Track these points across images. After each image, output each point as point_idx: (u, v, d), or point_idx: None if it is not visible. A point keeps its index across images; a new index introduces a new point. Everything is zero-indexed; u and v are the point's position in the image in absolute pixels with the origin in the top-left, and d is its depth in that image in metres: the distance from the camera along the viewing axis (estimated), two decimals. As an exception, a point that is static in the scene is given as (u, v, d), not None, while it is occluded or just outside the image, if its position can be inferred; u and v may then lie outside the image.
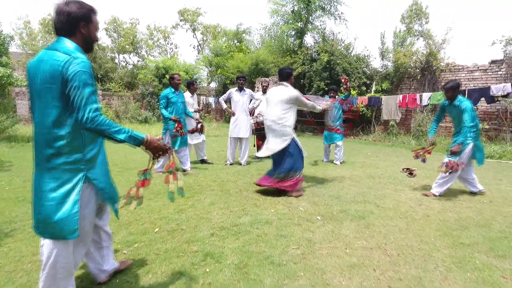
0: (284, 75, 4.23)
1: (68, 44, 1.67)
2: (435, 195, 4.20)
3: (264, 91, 7.01)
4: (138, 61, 25.35)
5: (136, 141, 1.71)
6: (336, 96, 6.41)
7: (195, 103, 6.58)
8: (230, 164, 6.32)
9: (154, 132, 13.70)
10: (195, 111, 6.23)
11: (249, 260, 2.37)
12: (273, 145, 4.16)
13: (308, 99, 4.50)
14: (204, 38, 29.29)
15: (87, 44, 1.78)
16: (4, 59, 9.16)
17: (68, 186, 1.65)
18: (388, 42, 11.95)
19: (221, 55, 21.25)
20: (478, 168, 6.30)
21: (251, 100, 6.64)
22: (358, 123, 12.17)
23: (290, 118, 4.13)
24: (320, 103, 4.67)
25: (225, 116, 19.43)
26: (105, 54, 23.17)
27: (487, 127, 8.71)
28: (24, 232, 2.86)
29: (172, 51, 29.49)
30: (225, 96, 6.50)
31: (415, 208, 3.70)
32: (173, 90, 5.36)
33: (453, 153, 4.04)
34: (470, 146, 4.13)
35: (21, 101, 16.97)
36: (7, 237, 2.76)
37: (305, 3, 12.66)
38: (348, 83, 6.10)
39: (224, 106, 6.59)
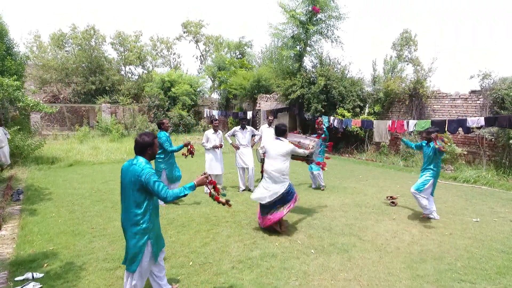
0: (280, 132, 5.03)
1: (140, 159, 2.86)
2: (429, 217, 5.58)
3: (270, 124, 8.04)
4: (143, 72, 26.29)
5: (192, 189, 2.82)
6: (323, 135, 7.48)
7: (218, 139, 7.10)
8: (243, 190, 7.33)
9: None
10: (213, 147, 7.05)
11: (262, 290, 3.36)
12: (275, 188, 4.82)
13: (297, 145, 5.32)
14: (207, 49, 30.28)
15: (152, 156, 2.98)
16: (32, 88, 10.14)
17: (142, 242, 2.80)
18: (379, 69, 12.97)
19: (223, 69, 22.25)
20: (451, 195, 7.32)
21: (252, 135, 7.63)
22: (353, 141, 13.18)
23: (288, 166, 4.93)
24: (307, 146, 5.42)
25: (227, 128, 20.40)
26: (111, 67, 24.09)
27: (465, 152, 9.72)
28: (93, 266, 3.83)
29: (175, 61, 30.50)
30: (230, 133, 7.55)
31: (390, 241, 4.69)
32: (166, 133, 6.30)
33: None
34: (432, 181, 5.44)
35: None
36: (82, 270, 3.74)
37: (304, 29, 13.65)
38: (322, 125, 7.21)
39: (230, 141, 7.61)
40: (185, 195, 2.78)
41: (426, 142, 5.66)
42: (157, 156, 6.26)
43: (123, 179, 2.85)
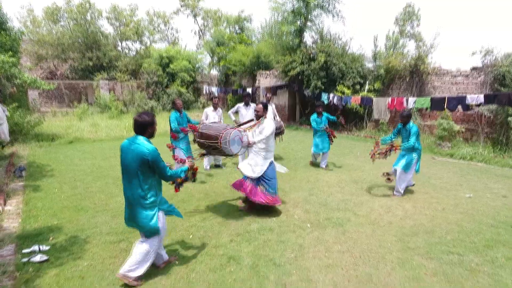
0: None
1: (141, 139, 2.94)
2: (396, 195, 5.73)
3: (268, 102, 8.00)
4: (141, 48, 25.80)
5: (186, 173, 3.24)
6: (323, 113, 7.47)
7: (217, 117, 7.17)
8: None
9: (159, 120, 14.55)
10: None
11: (258, 261, 3.51)
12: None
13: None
14: (205, 24, 29.53)
15: (151, 135, 3.08)
16: (28, 64, 10.01)
17: (153, 212, 3.03)
18: (381, 44, 12.75)
19: (222, 44, 21.82)
20: (446, 171, 7.44)
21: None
22: (352, 118, 13.18)
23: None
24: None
25: (227, 105, 20.30)
26: (108, 42, 23.60)
27: (463, 129, 9.76)
28: (96, 239, 3.98)
29: (173, 36, 29.83)
30: (233, 109, 7.54)
31: (383, 216, 4.83)
32: (178, 114, 6.33)
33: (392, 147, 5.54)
34: (416, 159, 5.62)
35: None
36: (86, 243, 3.88)
37: (304, 2, 13.29)
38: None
39: (233, 118, 7.59)
40: (180, 176, 3.20)
41: (402, 124, 5.70)
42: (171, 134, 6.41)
43: (124, 158, 2.93)
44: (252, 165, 4.77)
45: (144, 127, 2.95)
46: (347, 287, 3.09)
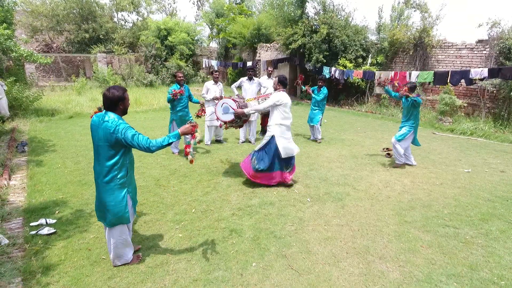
0: (286, 84, 4.99)
1: (112, 116, 2.67)
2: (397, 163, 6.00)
3: (269, 76, 7.88)
4: (138, 19, 25.03)
5: (177, 138, 2.75)
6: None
7: (218, 90, 7.09)
8: (242, 142, 7.46)
9: (158, 94, 14.50)
10: (214, 99, 7.03)
11: (260, 234, 3.62)
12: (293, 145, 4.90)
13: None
14: (204, -7, 28.48)
15: (124, 112, 2.79)
16: (23, 37, 9.76)
17: (122, 195, 2.79)
18: (386, 16, 12.36)
19: (222, 15, 21.17)
20: (446, 147, 7.48)
21: (259, 88, 7.46)
22: (353, 93, 13.04)
23: None
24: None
25: (227, 79, 20.03)
26: (104, 13, 22.88)
27: (465, 104, 9.69)
28: (101, 212, 4.08)
29: (170, 6, 28.87)
30: (236, 83, 7.46)
31: (382, 190, 4.91)
32: (178, 86, 6.26)
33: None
34: (411, 132, 5.79)
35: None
36: (91, 216, 3.98)
37: (307, -31, 12.76)
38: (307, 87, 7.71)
39: (236, 92, 7.50)
40: (169, 144, 2.71)
41: (404, 96, 5.79)
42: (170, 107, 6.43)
43: (94, 136, 2.71)
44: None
45: (115, 102, 2.66)
46: (345, 258, 3.20)
